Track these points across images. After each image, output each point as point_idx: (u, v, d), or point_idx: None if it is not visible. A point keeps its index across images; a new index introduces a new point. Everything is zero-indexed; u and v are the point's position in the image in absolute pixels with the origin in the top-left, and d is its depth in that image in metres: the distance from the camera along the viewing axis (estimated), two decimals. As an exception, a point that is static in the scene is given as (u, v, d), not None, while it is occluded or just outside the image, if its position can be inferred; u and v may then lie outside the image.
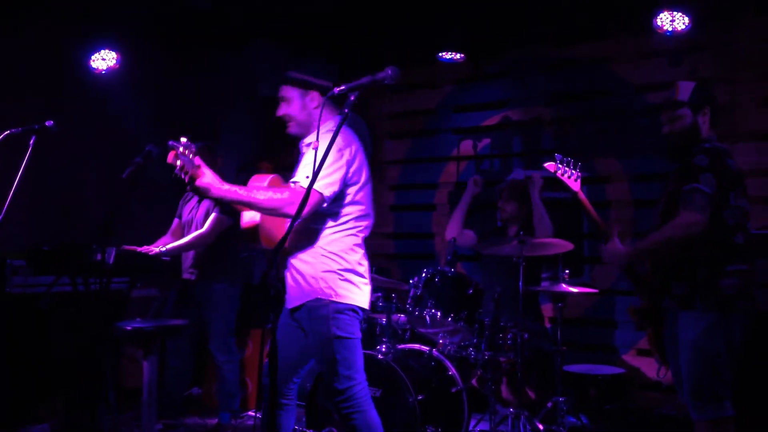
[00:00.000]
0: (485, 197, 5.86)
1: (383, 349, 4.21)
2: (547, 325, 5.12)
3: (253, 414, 5.10)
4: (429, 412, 3.96)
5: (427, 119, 6.42)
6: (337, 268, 3.14)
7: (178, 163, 2.74)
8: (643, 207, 5.29)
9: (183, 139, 2.72)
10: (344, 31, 5.72)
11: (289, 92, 3.32)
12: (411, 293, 4.30)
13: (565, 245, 4.22)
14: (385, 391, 4.00)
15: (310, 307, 3.10)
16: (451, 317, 4.16)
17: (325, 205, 3.06)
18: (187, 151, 2.73)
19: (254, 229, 3.23)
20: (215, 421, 4.89)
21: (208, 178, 2.83)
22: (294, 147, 3.23)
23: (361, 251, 3.30)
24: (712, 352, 2.93)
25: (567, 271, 4.27)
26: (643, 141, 5.28)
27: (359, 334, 3.21)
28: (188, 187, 2.83)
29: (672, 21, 4.80)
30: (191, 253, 4.76)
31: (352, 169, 3.16)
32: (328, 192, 3.03)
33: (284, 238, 2.51)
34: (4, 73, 5.07)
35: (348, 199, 3.18)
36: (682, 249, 3.02)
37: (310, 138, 3.25)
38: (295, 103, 3.30)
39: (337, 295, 3.12)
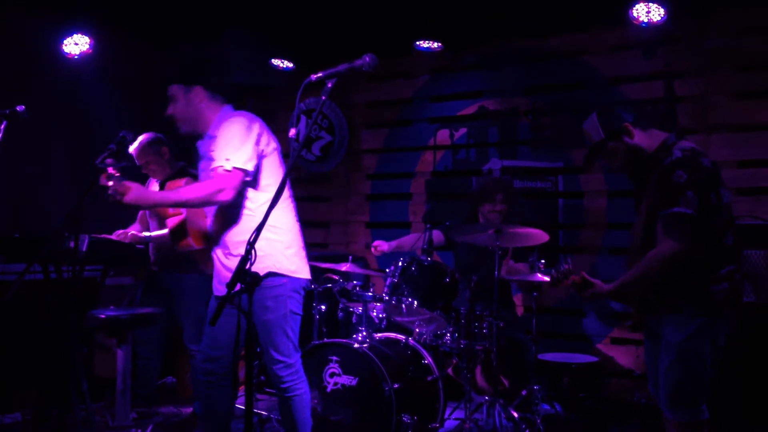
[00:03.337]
0: (447, 187, 5.91)
1: (359, 338, 4.21)
2: (520, 314, 5.16)
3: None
4: (405, 400, 3.97)
5: (404, 108, 6.41)
6: (284, 244, 3.27)
7: (110, 183, 2.96)
8: (617, 197, 5.35)
9: (109, 160, 2.97)
10: (321, 18, 5.68)
11: (173, 90, 3.36)
12: (387, 282, 4.29)
13: (540, 236, 4.24)
14: (361, 380, 4.01)
15: (264, 286, 3.04)
16: (427, 306, 4.17)
17: (248, 179, 3.17)
18: (115, 171, 2.95)
19: (182, 228, 3.41)
20: (190, 409, 4.86)
21: (135, 192, 3.00)
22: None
23: (296, 223, 3.43)
24: (696, 357, 2.87)
25: (543, 261, 4.30)
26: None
27: (301, 311, 3.40)
28: (118, 203, 3.00)
29: (648, 12, 4.83)
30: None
31: (263, 142, 3.27)
32: (249, 167, 3.16)
33: (261, 225, 2.50)
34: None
35: (268, 170, 3.29)
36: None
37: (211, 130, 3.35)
38: (179, 102, 3.35)
39: (291, 271, 3.28)
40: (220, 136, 3.22)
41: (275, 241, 3.23)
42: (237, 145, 3.14)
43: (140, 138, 4.57)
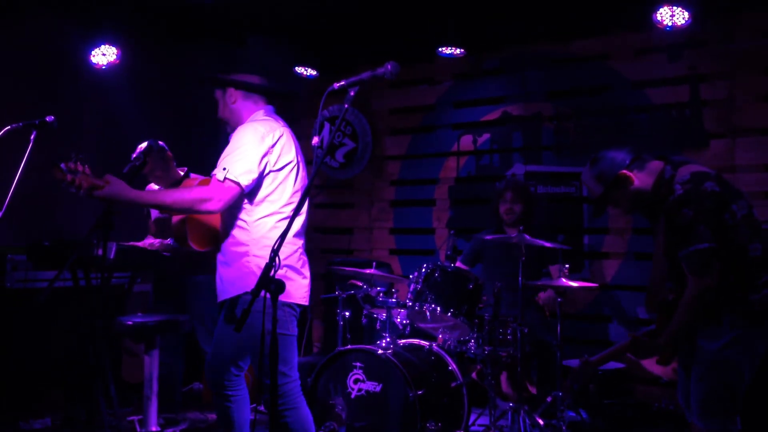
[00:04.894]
0: (471, 193, 5.90)
1: (383, 344, 4.22)
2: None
3: (254, 406, 5.10)
4: (429, 407, 3.97)
5: (427, 115, 6.42)
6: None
7: (68, 177, 2.77)
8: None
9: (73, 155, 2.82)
10: (344, 26, 5.71)
11: (216, 94, 3.35)
12: (411, 288, 4.30)
13: (562, 248, 4.25)
14: (385, 386, 4.01)
15: (245, 301, 2.94)
16: (451, 312, 4.16)
17: (244, 192, 3.04)
18: (76, 166, 2.79)
19: (182, 228, 3.22)
20: (215, 415, 4.89)
21: (112, 187, 2.84)
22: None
23: (298, 243, 3.25)
24: (730, 366, 2.81)
25: (567, 266, 4.28)
26: (643, 136, 5.29)
27: (295, 331, 3.20)
28: (86, 196, 2.83)
29: (672, 16, 4.80)
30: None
31: (274, 155, 3.11)
32: (245, 181, 3.01)
33: (285, 233, 2.53)
34: (5, 68, 5.07)
35: (271, 186, 3.13)
36: None
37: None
38: (220, 104, 3.34)
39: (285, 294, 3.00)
40: (233, 140, 3.13)
41: (260, 260, 3.05)
42: (239, 156, 3.02)
43: (142, 146, 4.64)
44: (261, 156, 3.05)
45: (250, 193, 3.09)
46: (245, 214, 3.13)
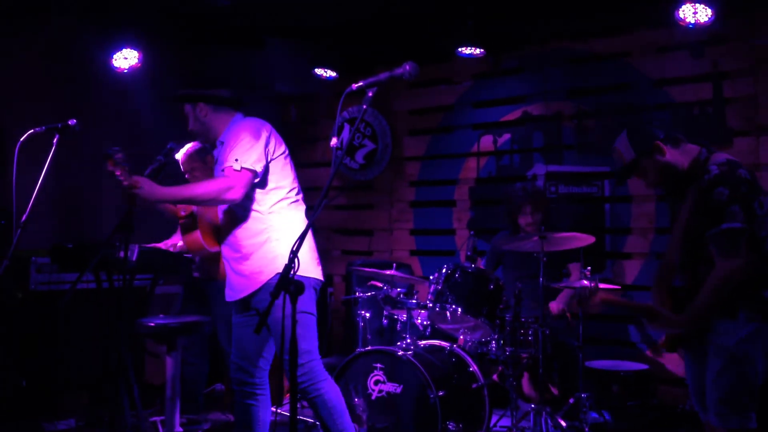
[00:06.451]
0: (491, 194, 5.87)
1: (404, 345, 4.21)
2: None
3: (274, 409, 5.11)
4: (450, 408, 3.96)
5: (447, 115, 6.40)
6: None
7: (118, 172, 3.01)
8: (664, 201, 5.25)
9: (116, 148, 3.05)
10: (363, 27, 5.71)
11: (186, 109, 3.51)
12: (431, 289, 4.29)
13: (586, 238, 4.20)
14: (406, 388, 4.01)
15: (270, 286, 3.04)
16: (471, 313, 4.15)
17: (257, 180, 3.25)
18: (123, 161, 3.02)
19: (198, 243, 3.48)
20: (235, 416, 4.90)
21: (146, 185, 3.06)
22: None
23: (305, 222, 3.42)
24: (747, 361, 2.79)
25: (589, 267, 4.25)
26: (665, 135, 5.23)
27: (315, 310, 3.36)
28: (126, 197, 3.04)
29: (695, 13, 4.74)
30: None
31: (272, 145, 3.35)
32: (258, 167, 3.23)
33: (303, 234, 2.53)
34: (27, 72, 5.13)
35: (277, 173, 3.36)
36: None
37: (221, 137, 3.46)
38: (190, 118, 3.49)
39: (303, 269, 3.16)
40: (229, 140, 3.34)
41: (284, 241, 3.25)
42: (246, 147, 3.24)
43: (188, 146, 4.68)
44: (264, 146, 3.29)
45: (261, 181, 3.30)
46: (258, 205, 3.32)
